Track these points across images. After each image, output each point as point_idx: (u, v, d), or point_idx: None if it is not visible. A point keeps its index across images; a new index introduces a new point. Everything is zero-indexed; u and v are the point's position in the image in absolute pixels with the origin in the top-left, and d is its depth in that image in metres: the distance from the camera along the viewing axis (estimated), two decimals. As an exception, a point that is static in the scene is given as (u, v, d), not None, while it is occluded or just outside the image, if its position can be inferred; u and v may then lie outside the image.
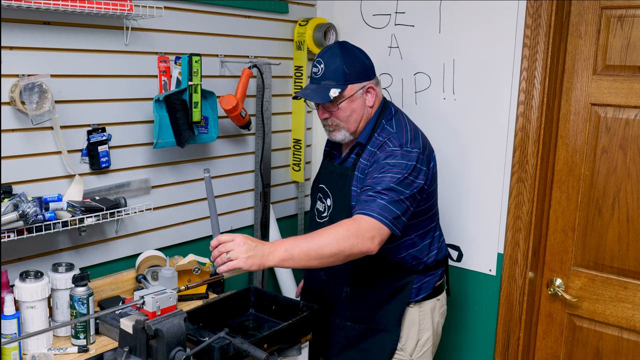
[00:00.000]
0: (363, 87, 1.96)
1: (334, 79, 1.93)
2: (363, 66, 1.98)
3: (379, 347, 2.03)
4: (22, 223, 1.71)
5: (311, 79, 2.00)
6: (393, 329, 2.02)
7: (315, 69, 1.98)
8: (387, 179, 1.83)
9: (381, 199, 1.80)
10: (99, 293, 2.09)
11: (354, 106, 1.96)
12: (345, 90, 1.93)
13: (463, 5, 2.39)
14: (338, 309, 2.07)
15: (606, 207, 2.22)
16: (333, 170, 2.07)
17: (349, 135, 2.00)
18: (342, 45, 1.98)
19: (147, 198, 2.24)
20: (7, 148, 1.83)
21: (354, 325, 2.05)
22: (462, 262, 2.52)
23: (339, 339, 2.08)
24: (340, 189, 2.01)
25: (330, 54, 1.95)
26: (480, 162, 2.42)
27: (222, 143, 2.52)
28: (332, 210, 2.04)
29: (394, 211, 1.80)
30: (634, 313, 2.21)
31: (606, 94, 2.18)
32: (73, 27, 1.95)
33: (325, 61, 1.95)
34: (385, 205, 1.79)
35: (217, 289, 2.28)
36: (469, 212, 2.47)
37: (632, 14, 2.09)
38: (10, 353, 1.65)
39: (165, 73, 2.18)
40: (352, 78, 1.94)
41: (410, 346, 2.06)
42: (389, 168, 1.85)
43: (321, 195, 2.11)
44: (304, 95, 1.96)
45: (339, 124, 1.98)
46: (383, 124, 1.99)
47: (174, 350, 1.50)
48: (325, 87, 1.93)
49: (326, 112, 1.98)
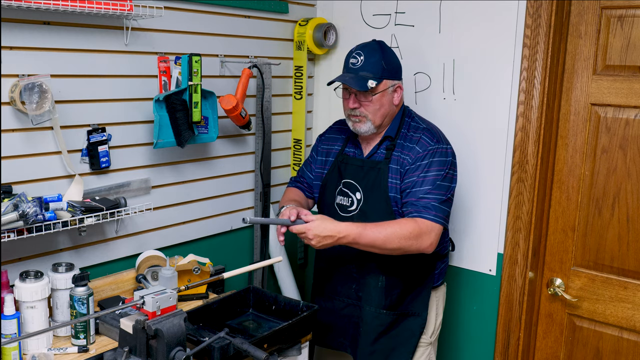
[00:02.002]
0: (394, 85, 2.08)
1: (372, 71, 2.02)
2: (397, 66, 2.11)
3: (409, 332, 2.16)
4: (22, 223, 1.71)
5: (347, 69, 2.08)
6: (421, 313, 2.17)
7: (354, 59, 2.06)
8: (432, 177, 2.00)
9: (434, 199, 1.98)
10: (99, 293, 2.09)
11: (384, 101, 2.06)
12: (380, 84, 2.03)
13: (463, 6, 2.39)
14: (373, 298, 2.14)
15: (606, 207, 2.22)
16: (362, 165, 2.13)
17: (373, 128, 2.08)
18: (380, 43, 2.09)
19: (147, 198, 2.24)
20: (7, 148, 1.83)
21: (388, 312, 2.13)
22: (462, 262, 2.52)
23: (374, 328, 2.14)
24: (374, 182, 2.08)
25: (370, 49, 2.06)
26: (481, 162, 2.42)
27: (222, 143, 2.52)
28: (363, 203, 2.10)
29: (445, 210, 2.00)
30: (634, 313, 2.21)
31: (606, 94, 2.18)
32: (73, 27, 1.95)
33: (366, 54, 2.04)
34: (438, 206, 1.98)
35: (217, 289, 2.28)
36: (469, 211, 2.47)
37: (632, 14, 2.09)
38: (10, 353, 1.65)
39: (165, 73, 2.18)
40: (387, 74, 2.05)
41: (431, 329, 2.23)
42: (433, 166, 2.01)
43: (346, 190, 2.15)
44: (343, 81, 2.03)
45: (367, 115, 2.06)
46: (408, 122, 2.13)
47: (174, 350, 1.50)
48: (363, 78, 2.01)
49: (357, 102, 2.06)
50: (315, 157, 2.30)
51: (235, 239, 2.65)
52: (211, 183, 2.50)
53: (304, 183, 2.33)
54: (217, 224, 2.55)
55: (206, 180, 2.48)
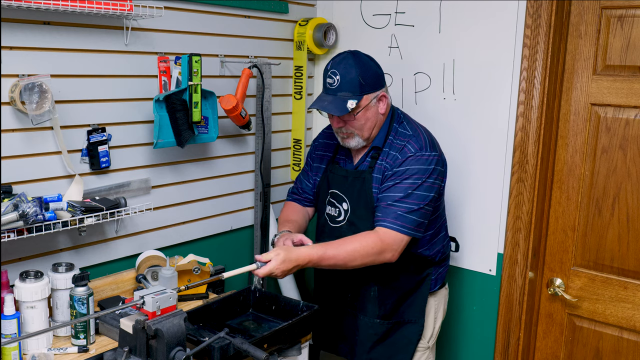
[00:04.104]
0: (376, 96, 2.01)
1: (350, 90, 1.95)
2: (376, 75, 2.01)
3: (406, 340, 2.14)
4: (22, 223, 1.71)
5: (326, 90, 2.01)
6: (418, 320, 2.14)
7: (330, 79, 1.98)
8: (406, 185, 1.94)
9: (401, 208, 1.93)
10: (99, 293, 2.09)
11: (369, 115, 2.00)
12: (361, 101, 1.97)
13: (463, 6, 2.39)
14: (367, 308, 2.12)
15: (606, 207, 2.22)
16: (346, 175, 2.10)
17: (362, 141, 2.05)
18: (355, 55, 2.00)
19: (147, 198, 2.24)
20: (7, 148, 1.83)
21: (382, 321, 2.11)
22: (462, 262, 2.52)
23: (369, 337, 2.13)
24: (359, 193, 2.05)
25: (345, 65, 1.96)
26: (481, 162, 2.42)
27: (222, 143, 2.52)
28: (350, 213, 2.08)
29: (414, 220, 1.94)
30: (634, 313, 2.21)
31: (606, 94, 2.18)
32: (73, 27, 1.95)
33: (341, 72, 1.96)
34: (405, 216, 1.93)
35: (217, 289, 2.28)
36: (469, 212, 2.47)
37: (632, 14, 2.09)
38: (10, 353, 1.65)
39: (165, 73, 2.18)
40: (367, 88, 1.97)
41: (429, 334, 2.20)
42: (409, 174, 1.95)
43: (333, 201, 2.13)
44: (321, 108, 1.97)
45: (354, 131, 2.02)
46: (396, 127, 2.06)
47: (174, 350, 1.50)
48: (342, 99, 1.95)
49: (341, 122, 2.01)
50: (312, 165, 2.28)
51: (235, 239, 2.65)
52: (211, 183, 2.50)
53: (302, 194, 2.31)
54: (217, 224, 2.55)
55: (206, 180, 2.48)
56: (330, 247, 1.90)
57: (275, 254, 1.82)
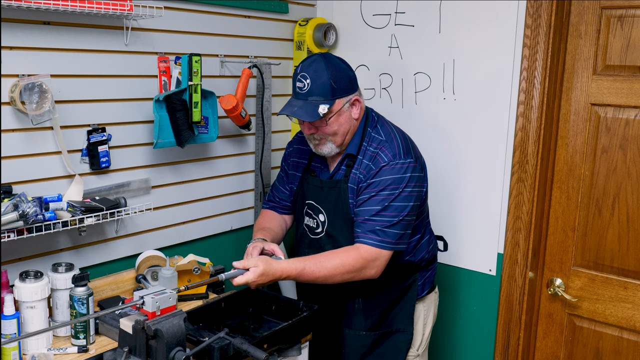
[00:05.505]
0: (349, 100, 1.92)
1: (322, 94, 1.87)
2: (349, 79, 1.92)
3: (395, 350, 2.07)
4: (22, 223, 1.71)
5: (295, 94, 1.93)
6: (406, 328, 2.07)
7: (300, 83, 1.90)
8: (382, 197, 1.87)
9: (379, 223, 1.86)
10: (99, 293, 2.09)
11: (341, 120, 1.92)
12: (333, 105, 1.88)
13: (463, 5, 2.39)
14: (352, 321, 2.06)
15: (606, 207, 2.22)
16: (321, 185, 2.03)
17: (336, 148, 1.97)
18: (326, 57, 1.91)
19: (147, 198, 2.24)
20: (7, 148, 1.83)
21: (369, 333, 2.06)
22: (462, 262, 2.52)
23: (356, 350, 2.07)
24: (335, 204, 1.98)
25: (315, 68, 1.87)
26: (481, 162, 2.41)
27: (222, 143, 2.52)
28: (327, 225, 2.01)
29: (394, 233, 1.88)
30: (634, 313, 2.21)
31: (606, 94, 2.18)
32: (73, 27, 1.95)
33: (311, 76, 1.87)
34: (385, 231, 1.86)
35: (217, 289, 2.28)
36: (468, 212, 2.47)
37: (632, 14, 2.09)
38: (10, 353, 1.65)
39: (165, 73, 2.18)
40: (339, 92, 1.89)
41: (418, 341, 2.14)
42: (384, 185, 1.88)
43: (310, 212, 2.07)
44: (291, 113, 1.89)
45: (326, 137, 1.94)
46: (370, 132, 1.98)
47: (173, 351, 1.50)
48: (313, 104, 1.86)
49: (312, 128, 1.93)
50: (287, 172, 2.21)
51: (235, 239, 2.65)
52: (211, 183, 2.50)
53: (280, 202, 2.26)
54: (217, 224, 2.55)
55: (206, 180, 2.48)
56: (309, 262, 1.84)
57: (254, 266, 1.77)
